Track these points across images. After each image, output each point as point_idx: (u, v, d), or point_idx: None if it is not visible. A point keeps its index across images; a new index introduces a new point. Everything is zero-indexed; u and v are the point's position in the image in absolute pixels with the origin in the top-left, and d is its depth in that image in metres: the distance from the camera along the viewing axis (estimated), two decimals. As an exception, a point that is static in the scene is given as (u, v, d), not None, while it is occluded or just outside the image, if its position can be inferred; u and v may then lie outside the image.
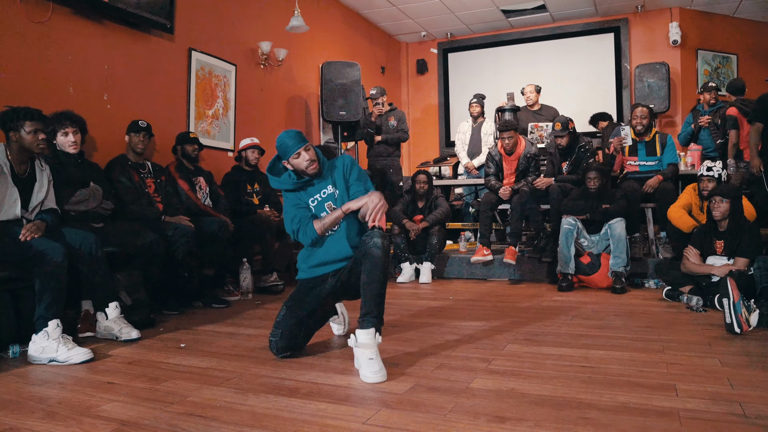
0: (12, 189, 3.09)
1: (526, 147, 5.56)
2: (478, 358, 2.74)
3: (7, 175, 3.07)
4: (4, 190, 3.06)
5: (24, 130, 3.08)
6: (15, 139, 3.10)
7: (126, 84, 4.61)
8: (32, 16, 3.93)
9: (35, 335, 2.82)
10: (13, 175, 3.12)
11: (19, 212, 3.10)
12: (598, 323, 3.49)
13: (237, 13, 5.82)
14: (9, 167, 3.10)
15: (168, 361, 2.79)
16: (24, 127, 3.08)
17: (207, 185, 4.82)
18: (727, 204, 4.00)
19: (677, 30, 7.97)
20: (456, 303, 4.32)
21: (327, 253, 2.91)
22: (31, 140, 3.10)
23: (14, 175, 3.12)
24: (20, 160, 3.14)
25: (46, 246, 2.94)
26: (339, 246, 2.89)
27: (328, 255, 2.91)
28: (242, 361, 2.77)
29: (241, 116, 5.82)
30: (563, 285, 4.78)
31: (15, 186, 3.10)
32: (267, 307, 4.31)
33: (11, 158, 3.12)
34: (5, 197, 3.06)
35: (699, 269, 4.05)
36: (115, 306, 3.32)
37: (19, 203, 3.10)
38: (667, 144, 5.39)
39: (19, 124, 3.08)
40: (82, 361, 2.78)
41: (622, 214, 4.82)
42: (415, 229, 5.56)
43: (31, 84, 3.91)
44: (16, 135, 3.09)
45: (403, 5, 8.02)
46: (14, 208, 3.09)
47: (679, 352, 2.78)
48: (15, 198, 3.09)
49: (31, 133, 3.09)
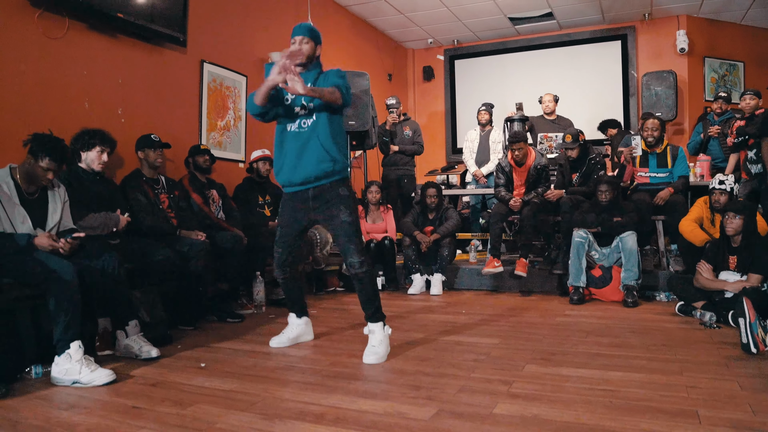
0: (18, 209, 3.10)
1: (536, 158, 5.58)
2: (498, 380, 2.76)
3: (11, 195, 3.09)
4: (11, 211, 3.08)
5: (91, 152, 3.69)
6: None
7: (139, 97, 4.63)
8: (49, 32, 3.96)
9: (58, 357, 2.85)
10: (20, 195, 3.14)
11: (31, 231, 3.11)
12: (614, 340, 3.51)
13: (248, 25, 5.84)
14: (14, 187, 3.11)
15: (190, 383, 2.81)
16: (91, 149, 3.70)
17: (220, 198, 4.85)
18: (740, 220, 4.02)
19: (684, 38, 7.99)
20: (469, 318, 4.34)
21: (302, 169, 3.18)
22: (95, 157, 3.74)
23: (21, 196, 3.14)
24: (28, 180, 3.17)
25: (56, 265, 2.95)
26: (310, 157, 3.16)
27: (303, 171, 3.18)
28: (264, 383, 2.79)
29: (252, 127, 5.84)
30: (575, 298, 4.80)
31: (22, 206, 3.12)
32: (280, 322, 4.31)
33: (18, 178, 3.14)
34: (14, 217, 3.08)
35: (712, 285, 4.07)
36: (135, 324, 3.35)
37: (29, 222, 3.12)
38: (678, 156, 5.41)
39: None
40: (105, 383, 2.80)
41: (634, 227, 4.84)
42: (426, 242, 5.58)
43: (48, 99, 3.93)
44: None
45: (410, 13, 8.05)
46: (24, 228, 3.10)
47: (698, 373, 2.80)
48: (23, 217, 3.11)
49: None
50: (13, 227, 3.05)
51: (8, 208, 3.05)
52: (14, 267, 2.96)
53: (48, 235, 3.07)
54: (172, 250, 3.88)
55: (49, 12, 3.94)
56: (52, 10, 3.95)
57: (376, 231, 5.97)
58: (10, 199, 3.06)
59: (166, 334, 3.68)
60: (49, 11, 3.93)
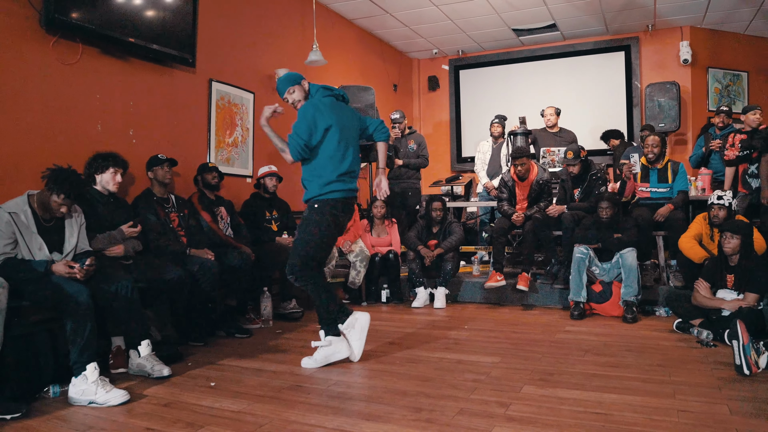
0: (35, 237, 3.23)
1: (539, 173, 5.68)
2: (496, 402, 2.86)
3: (29, 224, 3.22)
4: (29, 239, 3.22)
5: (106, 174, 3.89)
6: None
7: (150, 118, 4.76)
8: (63, 58, 4.09)
9: (74, 378, 2.98)
10: (38, 223, 3.27)
11: (45, 257, 3.24)
12: (610, 360, 3.61)
13: (254, 42, 5.97)
14: (32, 215, 3.25)
15: (201, 404, 2.93)
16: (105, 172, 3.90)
17: (228, 215, 4.97)
18: (737, 240, 4.11)
19: (688, 49, 8.06)
20: (471, 334, 4.45)
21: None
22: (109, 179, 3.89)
23: (38, 223, 3.27)
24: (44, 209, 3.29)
25: (72, 290, 3.08)
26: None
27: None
28: (272, 404, 2.90)
29: (259, 142, 5.96)
30: (575, 313, 4.90)
31: (39, 234, 3.25)
32: (288, 337, 4.45)
33: (35, 206, 3.27)
34: (31, 245, 3.21)
35: (709, 303, 4.16)
36: (147, 344, 3.47)
37: (46, 250, 3.25)
38: (679, 171, 5.50)
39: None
40: (119, 403, 2.93)
41: (634, 244, 4.94)
42: (430, 256, 5.68)
43: (62, 122, 4.07)
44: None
45: (415, 26, 8.16)
46: (41, 255, 3.22)
47: (690, 396, 2.89)
48: (40, 245, 3.24)
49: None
50: (31, 254, 3.19)
51: (26, 236, 3.19)
52: (32, 292, 3.10)
53: (65, 262, 3.20)
54: (183, 270, 4.00)
55: (64, 39, 4.07)
56: (67, 37, 4.09)
57: (380, 244, 6.09)
58: (27, 227, 3.20)
59: (176, 352, 3.80)
60: (64, 38, 4.07)
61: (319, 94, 3.72)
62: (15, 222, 3.17)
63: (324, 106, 3.61)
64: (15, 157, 3.75)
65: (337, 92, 3.83)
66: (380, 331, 4.52)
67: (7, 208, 3.19)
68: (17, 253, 3.19)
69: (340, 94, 3.84)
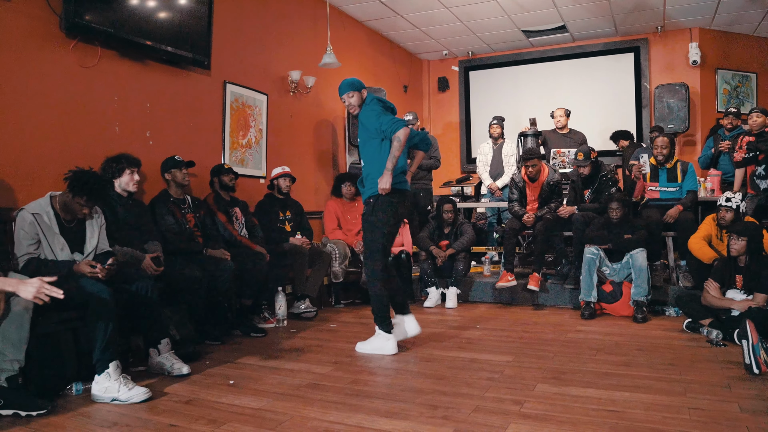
0: (57, 238, 3.31)
1: (549, 174, 5.73)
2: (510, 399, 2.92)
3: (51, 225, 3.30)
4: (52, 239, 3.29)
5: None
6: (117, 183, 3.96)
7: (166, 120, 4.84)
8: (83, 61, 4.17)
9: (98, 376, 3.05)
10: (60, 223, 3.35)
11: (67, 257, 3.31)
12: (622, 359, 3.66)
13: (268, 45, 6.04)
14: (54, 216, 3.32)
15: (221, 401, 3.00)
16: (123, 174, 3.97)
17: (243, 215, 5.04)
18: (743, 242, 4.15)
19: (697, 50, 8.08)
20: (483, 333, 4.50)
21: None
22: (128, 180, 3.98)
23: (60, 224, 3.35)
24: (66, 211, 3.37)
25: (95, 289, 3.14)
26: None
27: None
28: (291, 401, 2.97)
29: (272, 143, 6.04)
30: (585, 314, 4.95)
31: (61, 235, 3.32)
32: (302, 336, 4.52)
33: (57, 208, 3.35)
34: (54, 245, 3.29)
35: (719, 303, 4.20)
36: (167, 342, 3.55)
37: (68, 250, 3.33)
38: (688, 171, 5.54)
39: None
40: (142, 401, 3.00)
41: (644, 244, 4.98)
42: (441, 256, 5.74)
43: (82, 125, 4.15)
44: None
45: (426, 27, 8.21)
46: (63, 255, 3.30)
47: (701, 395, 2.94)
48: (62, 245, 3.31)
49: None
50: (54, 254, 3.27)
51: (49, 237, 3.26)
52: (57, 291, 3.17)
53: (87, 262, 3.28)
54: (200, 270, 4.08)
55: (83, 42, 4.15)
56: (86, 41, 4.17)
57: (393, 245, 6.13)
58: (50, 228, 3.27)
59: (194, 350, 3.87)
60: (83, 42, 4.15)
61: (373, 103, 4.01)
62: (38, 223, 3.25)
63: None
64: (36, 159, 3.83)
65: (388, 104, 4.13)
66: (393, 331, 4.59)
67: (30, 209, 3.27)
68: (40, 253, 3.27)
69: (389, 106, 4.12)
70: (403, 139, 3.78)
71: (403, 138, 3.78)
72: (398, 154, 3.82)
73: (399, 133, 3.78)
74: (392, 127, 3.79)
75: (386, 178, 3.81)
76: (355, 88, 4.07)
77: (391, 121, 3.82)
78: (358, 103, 4.06)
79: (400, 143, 3.79)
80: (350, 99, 4.06)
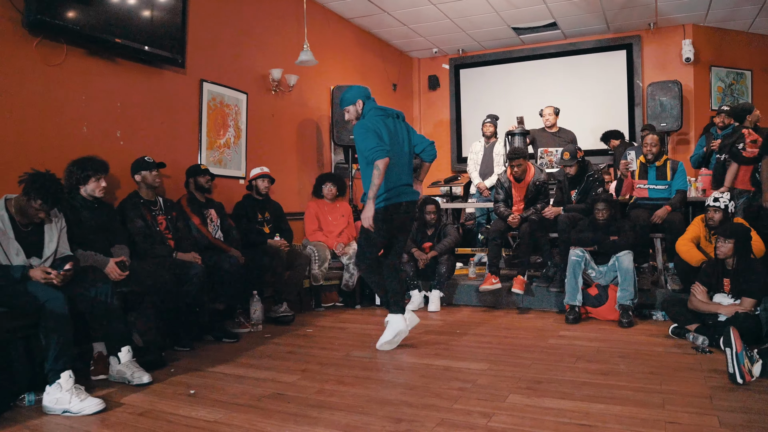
0: (12, 242, 3.17)
1: (535, 174, 5.59)
2: (479, 412, 2.78)
3: (5, 228, 3.16)
4: (6, 243, 3.15)
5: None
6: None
7: (138, 120, 4.70)
8: (47, 59, 4.03)
9: (49, 387, 2.92)
10: (15, 227, 3.21)
11: (22, 262, 3.18)
12: (602, 367, 3.52)
13: (247, 43, 5.90)
14: (8, 219, 3.18)
15: (178, 413, 2.87)
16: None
17: (218, 217, 4.91)
18: (730, 244, 4.01)
19: (690, 47, 7.93)
20: (463, 339, 4.36)
21: None
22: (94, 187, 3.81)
23: (15, 228, 3.21)
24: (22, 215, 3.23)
25: (48, 297, 3.01)
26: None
27: None
28: (249, 413, 2.83)
29: (253, 143, 5.90)
30: (570, 318, 4.81)
31: (16, 239, 3.18)
32: (276, 342, 4.38)
33: (12, 211, 3.21)
34: (8, 250, 3.15)
35: (705, 308, 4.07)
36: (128, 350, 3.40)
37: (23, 255, 3.19)
38: (678, 170, 5.40)
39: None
40: (94, 412, 2.87)
41: (630, 247, 4.84)
42: (423, 259, 5.61)
43: (47, 125, 4.01)
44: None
45: (414, 24, 8.07)
46: (18, 261, 3.16)
47: (680, 407, 2.80)
48: (17, 250, 3.17)
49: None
50: (8, 259, 3.13)
51: (3, 241, 3.13)
52: (8, 297, 3.05)
53: (42, 268, 3.14)
54: (169, 274, 3.95)
55: (48, 39, 4.01)
56: (51, 38, 4.03)
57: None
58: (4, 233, 3.14)
59: (159, 357, 3.74)
60: (47, 39, 4.01)
61: (367, 118, 4.00)
62: None
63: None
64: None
65: (389, 111, 4.11)
66: (371, 336, 4.44)
67: None
68: (-6, 257, 3.13)
69: (391, 113, 4.11)
70: (381, 168, 3.78)
71: (381, 167, 3.78)
72: (378, 182, 3.81)
73: (378, 163, 3.78)
74: (372, 155, 3.80)
75: (368, 208, 3.87)
76: (348, 103, 4.09)
77: (372, 148, 3.80)
78: (355, 116, 4.09)
79: (379, 172, 3.80)
80: (347, 114, 4.13)
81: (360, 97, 4.08)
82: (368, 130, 3.87)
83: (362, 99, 4.08)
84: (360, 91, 4.11)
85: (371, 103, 4.08)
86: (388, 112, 4.09)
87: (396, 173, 3.98)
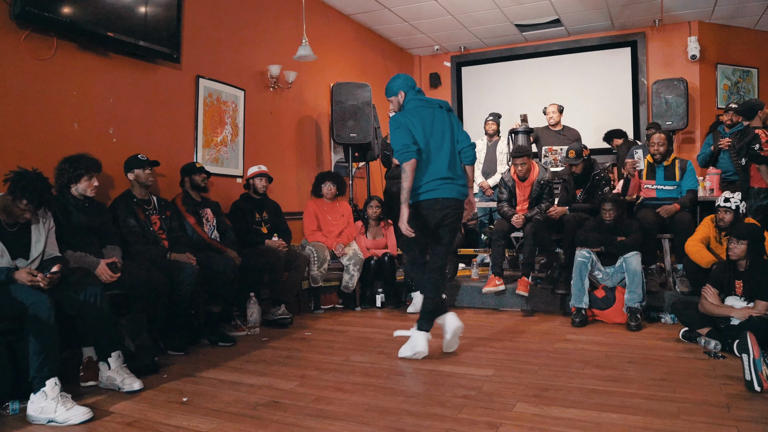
0: None
1: (540, 173, 5.44)
2: (485, 422, 2.65)
3: None
4: None
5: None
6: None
7: (132, 116, 4.56)
8: (36, 53, 3.89)
9: (33, 395, 2.78)
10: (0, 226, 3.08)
11: (7, 264, 3.04)
12: (611, 373, 3.38)
13: (245, 39, 5.76)
14: None
15: (168, 422, 2.73)
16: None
17: (214, 217, 4.77)
18: (743, 245, 3.87)
19: (696, 44, 7.79)
20: (466, 342, 4.21)
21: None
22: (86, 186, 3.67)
23: (0, 227, 3.07)
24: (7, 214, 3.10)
25: (32, 301, 2.87)
26: None
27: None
28: (243, 423, 2.70)
29: (250, 141, 5.76)
30: (576, 321, 4.67)
31: (1, 240, 3.04)
32: (273, 346, 4.24)
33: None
34: None
35: (718, 311, 3.92)
36: (118, 355, 3.27)
37: (8, 256, 3.05)
38: (687, 169, 5.26)
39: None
40: (80, 422, 2.73)
41: (638, 247, 4.70)
42: (425, 259, 5.46)
43: (37, 121, 3.87)
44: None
45: (415, 21, 7.93)
46: (2, 262, 3.03)
47: (695, 416, 2.66)
48: (2, 251, 3.04)
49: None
50: (-8, 260, 2.99)
51: None
52: (-9, 301, 2.90)
53: (28, 270, 3.01)
54: (162, 275, 3.81)
55: (37, 33, 3.87)
56: (40, 31, 3.88)
57: (376, 247, 5.87)
58: None
59: (152, 363, 3.59)
60: (37, 32, 3.86)
61: (406, 110, 3.88)
62: None
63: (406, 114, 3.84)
64: (-18, 158, 3.55)
65: (432, 102, 3.94)
66: (371, 339, 4.33)
67: None
68: (-22, 258, 2.99)
69: (432, 103, 3.93)
70: (408, 171, 3.67)
71: (408, 170, 3.67)
72: (408, 185, 3.68)
73: (405, 165, 3.68)
74: (398, 158, 3.72)
75: (401, 213, 3.74)
76: (392, 94, 3.99)
77: (398, 150, 3.71)
78: (398, 108, 3.98)
79: (406, 175, 3.68)
80: (391, 105, 4.06)
81: (403, 89, 3.93)
82: (399, 126, 3.75)
83: (405, 90, 3.93)
84: (404, 82, 3.96)
85: (413, 93, 3.93)
86: (431, 102, 3.92)
87: (432, 167, 3.77)
